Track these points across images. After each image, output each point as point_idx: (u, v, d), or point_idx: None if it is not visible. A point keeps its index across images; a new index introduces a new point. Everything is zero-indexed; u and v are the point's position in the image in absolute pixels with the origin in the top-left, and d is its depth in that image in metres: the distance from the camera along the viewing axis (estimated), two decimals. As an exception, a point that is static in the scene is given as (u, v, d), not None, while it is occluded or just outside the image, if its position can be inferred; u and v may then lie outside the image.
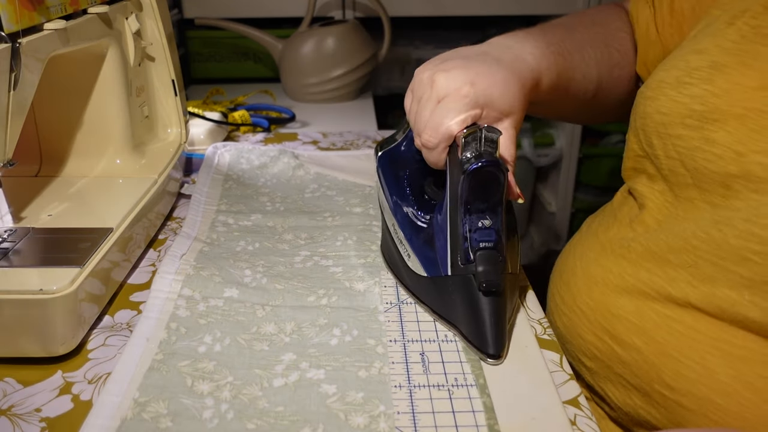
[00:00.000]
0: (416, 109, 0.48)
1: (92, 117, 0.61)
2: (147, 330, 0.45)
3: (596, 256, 0.51)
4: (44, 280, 0.43)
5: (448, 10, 1.30)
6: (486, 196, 0.43)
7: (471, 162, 0.41)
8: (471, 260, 0.42)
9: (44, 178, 0.61)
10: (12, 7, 0.43)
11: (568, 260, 0.55)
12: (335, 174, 0.74)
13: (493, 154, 0.42)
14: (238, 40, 1.21)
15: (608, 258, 0.49)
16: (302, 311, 0.48)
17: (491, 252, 0.42)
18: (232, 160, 0.76)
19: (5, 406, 0.39)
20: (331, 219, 0.63)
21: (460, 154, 0.43)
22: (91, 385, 0.41)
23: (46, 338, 0.42)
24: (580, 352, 0.51)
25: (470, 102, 0.44)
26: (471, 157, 0.42)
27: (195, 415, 0.38)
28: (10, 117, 0.45)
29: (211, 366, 0.42)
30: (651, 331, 0.44)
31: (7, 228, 0.51)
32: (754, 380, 0.39)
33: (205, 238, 0.58)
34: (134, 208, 0.55)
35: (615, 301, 0.47)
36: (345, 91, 1.12)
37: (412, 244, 0.49)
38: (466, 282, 0.43)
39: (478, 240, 0.42)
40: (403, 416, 0.38)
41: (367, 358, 0.43)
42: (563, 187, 1.54)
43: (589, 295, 0.50)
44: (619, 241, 0.49)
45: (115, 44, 0.60)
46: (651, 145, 0.47)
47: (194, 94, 1.14)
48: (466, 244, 0.43)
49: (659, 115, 0.45)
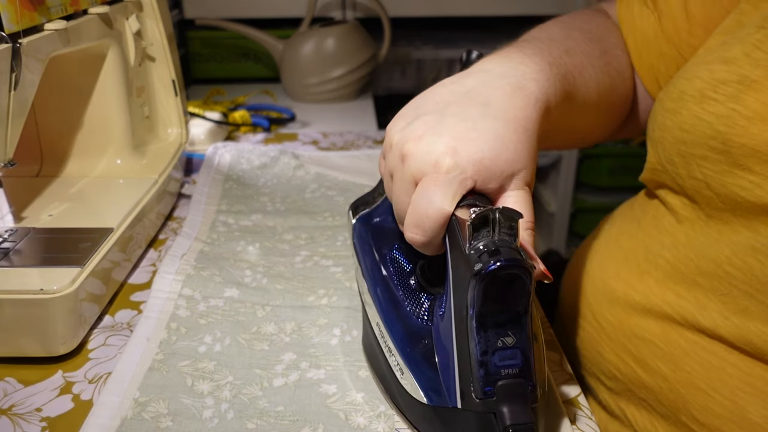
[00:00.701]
0: (392, 187, 0.38)
1: (93, 117, 0.61)
2: (147, 330, 0.45)
3: (618, 268, 0.47)
4: (45, 279, 0.43)
5: (448, 10, 1.30)
6: (506, 305, 0.32)
7: (485, 261, 0.30)
8: (490, 393, 0.31)
9: (45, 179, 0.61)
10: (12, 7, 0.43)
11: (586, 268, 0.51)
12: (335, 174, 0.74)
13: (512, 245, 0.31)
14: (239, 40, 1.21)
15: (632, 273, 0.45)
16: (302, 311, 0.48)
17: (517, 381, 0.32)
18: (232, 160, 0.76)
19: (6, 405, 0.39)
20: (331, 219, 0.63)
21: (465, 242, 0.32)
22: (91, 384, 0.41)
23: (46, 338, 0.42)
24: (598, 370, 0.48)
25: (456, 177, 0.34)
26: (483, 251, 0.31)
27: (195, 414, 0.38)
28: (11, 117, 0.45)
29: (212, 366, 0.42)
30: (679, 359, 0.41)
31: (7, 228, 0.51)
32: None
33: (205, 238, 0.58)
34: (135, 208, 0.55)
35: (639, 322, 0.44)
36: (345, 92, 1.12)
37: (405, 357, 0.37)
38: (484, 422, 0.32)
39: (498, 365, 0.31)
40: (403, 416, 0.38)
41: (367, 357, 0.43)
42: (563, 187, 1.54)
43: (611, 311, 0.47)
44: (644, 253, 0.45)
45: (115, 44, 0.60)
46: (672, 162, 0.42)
47: (194, 94, 1.14)
48: (481, 371, 0.31)
49: (680, 132, 0.40)
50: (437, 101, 0.38)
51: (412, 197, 0.35)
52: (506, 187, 0.36)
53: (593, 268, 0.50)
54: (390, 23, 1.15)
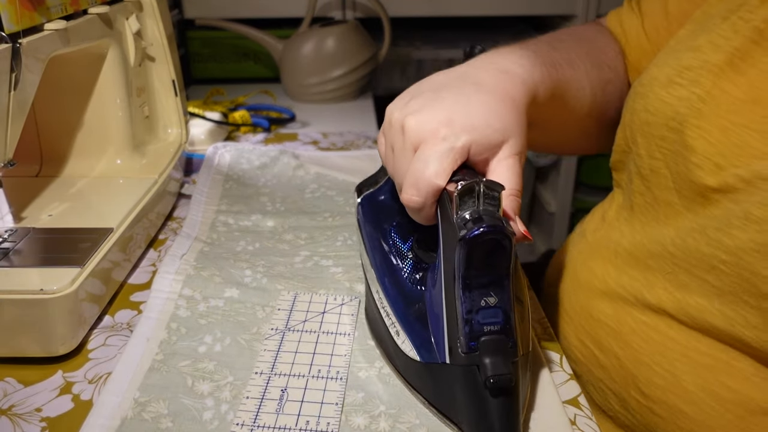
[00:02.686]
0: (392, 159, 0.41)
1: (93, 117, 0.61)
2: (147, 330, 0.45)
3: (585, 258, 0.51)
4: (45, 280, 0.43)
5: (448, 10, 1.30)
6: (489, 268, 0.35)
7: (469, 227, 0.33)
8: (474, 348, 0.35)
9: (45, 179, 0.61)
10: (12, 7, 0.43)
11: (560, 262, 0.55)
12: (335, 174, 0.74)
13: (495, 214, 0.34)
14: (239, 40, 1.21)
15: (596, 261, 0.49)
16: (302, 311, 0.48)
17: (498, 338, 0.35)
18: (232, 160, 0.76)
19: (6, 405, 0.39)
20: (331, 219, 0.63)
21: (453, 212, 0.35)
22: (91, 385, 0.41)
23: (46, 338, 0.42)
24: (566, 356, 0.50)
25: (451, 144, 0.37)
26: (468, 220, 0.34)
27: (195, 415, 0.38)
28: (11, 117, 0.45)
29: (212, 366, 0.42)
30: (627, 337, 0.44)
31: (7, 228, 0.51)
32: (717, 389, 0.39)
33: (205, 238, 0.58)
34: (135, 208, 0.55)
35: (596, 305, 0.47)
36: (345, 92, 1.12)
37: (401, 319, 0.40)
38: (468, 374, 0.35)
39: (481, 323, 0.35)
40: (403, 416, 0.38)
41: (368, 358, 0.43)
42: (563, 187, 1.54)
43: (575, 298, 0.49)
44: (606, 243, 0.48)
45: (115, 44, 0.60)
46: (635, 142, 0.45)
47: (194, 94, 1.14)
48: (466, 328, 0.35)
49: (645, 114, 0.44)
50: (433, 83, 0.42)
51: (411, 162, 0.38)
52: (498, 156, 0.39)
53: (566, 261, 0.54)
54: (390, 23, 1.15)
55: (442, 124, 0.38)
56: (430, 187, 0.37)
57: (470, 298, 0.35)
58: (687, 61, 0.42)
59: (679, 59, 0.43)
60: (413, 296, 0.41)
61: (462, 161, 0.38)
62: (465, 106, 0.39)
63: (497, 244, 0.34)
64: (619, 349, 0.44)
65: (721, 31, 0.41)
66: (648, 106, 0.43)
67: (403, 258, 0.44)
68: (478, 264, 0.34)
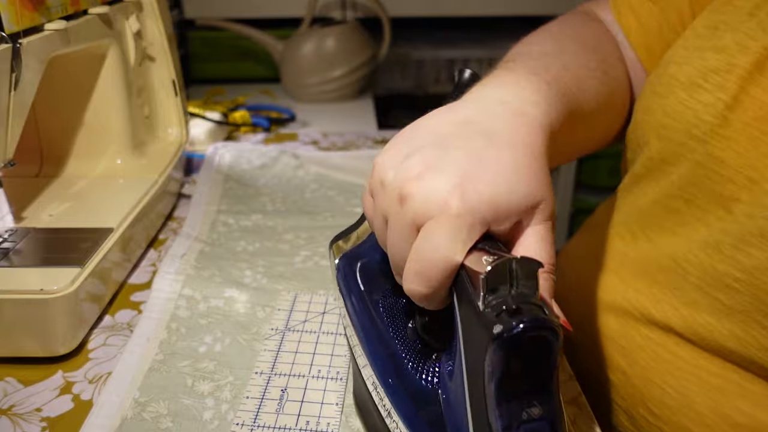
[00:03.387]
0: (385, 232, 0.32)
1: (93, 117, 0.61)
2: (147, 330, 0.45)
3: (589, 267, 0.49)
4: (45, 279, 0.43)
5: (448, 10, 1.30)
6: (531, 371, 0.27)
7: (505, 322, 0.25)
8: None
9: (45, 179, 0.61)
10: (13, 7, 0.43)
11: (561, 266, 0.53)
12: (335, 174, 0.74)
13: (535, 301, 0.26)
14: (239, 40, 1.21)
15: (603, 272, 0.47)
16: (302, 311, 0.48)
17: None
18: (232, 160, 0.76)
19: (6, 405, 0.39)
20: (331, 219, 0.63)
21: (478, 297, 0.27)
22: (91, 384, 0.41)
23: (46, 338, 0.42)
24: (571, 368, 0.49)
25: (466, 221, 0.29)
26: (502, 310, 0.26)
27: (195, 415, 0.38)
28: (11, 117, 0.45)
29: (212, 366, 0.42)
30: (635, 354, 0.42)
31: (7, 228, 0.51)
32: (731, 412, 0.37)
33: (205, 238, 0.58)
34: (135, 208, 0.55)
35: (601, 319, 0.45)
36: (345, 92, 1.12)
37: (408, 422, 0.32)
38: None
39: None
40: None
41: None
42: (563, 187, 1.54)
43: (579, 308, 0.48)
44: (612, 253, 0.46)
45: (115, 45, 0.60)
46: (648, 144, 0.42)
47: (195, 94, 1.14)
48: None
49: (663, 116, 0.40)
50: (434, 132, 0.33)
51: (414, 244, 0.30)
52: (525, 223, 0.31)
53: (568, 266, 0.52)
54: (390, 23, 1.15)
55: (453, 195, 0.29)
56: (442, 275, 0.29)
57: (508, 410, 0.26)
58: (711, 62, 0.38)
59: (703, 59, 0.39)
60: (423, 394, 0.33)
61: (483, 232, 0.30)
62: (478, 166, 0.30)
63: (543, 342, 0.26)
64: (627, 367, 0.43)
65: (748, 30, 0.37)
66: (666, 107, 0.40)
67: (403, 341, 0.35)
68: (517, 368, 0.26)
